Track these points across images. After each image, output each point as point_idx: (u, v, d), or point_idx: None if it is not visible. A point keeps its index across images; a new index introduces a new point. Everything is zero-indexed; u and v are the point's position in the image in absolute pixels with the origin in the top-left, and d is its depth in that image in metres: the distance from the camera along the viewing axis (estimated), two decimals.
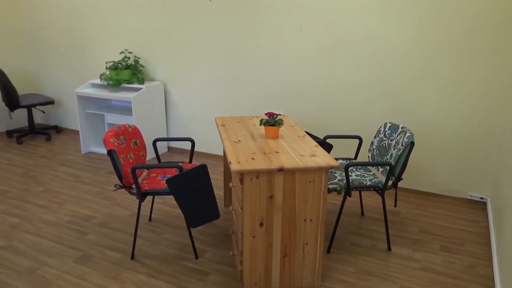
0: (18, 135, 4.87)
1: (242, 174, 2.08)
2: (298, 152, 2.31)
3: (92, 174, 3.95)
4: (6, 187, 3.63)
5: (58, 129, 5.36)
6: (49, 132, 5.11)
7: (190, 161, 3.03)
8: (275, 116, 2.60)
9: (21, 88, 5.40)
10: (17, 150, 4.62)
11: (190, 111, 4.45)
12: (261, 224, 2.16)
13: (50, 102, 4.97)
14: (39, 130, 5.09)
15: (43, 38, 5.19)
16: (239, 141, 2.50)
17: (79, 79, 5.11)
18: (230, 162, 2.13)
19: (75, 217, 3.12)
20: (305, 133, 2.71)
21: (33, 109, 5.52)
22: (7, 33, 5.14)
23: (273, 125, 2.57)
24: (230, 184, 2.37)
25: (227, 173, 3.22)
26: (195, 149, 4.54)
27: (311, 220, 2.21)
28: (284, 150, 2.34)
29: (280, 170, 2.08)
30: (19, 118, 5.46)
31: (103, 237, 2.84)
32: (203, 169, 2.34)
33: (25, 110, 5.52)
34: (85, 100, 4.48)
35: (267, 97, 4.00)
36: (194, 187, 2.35)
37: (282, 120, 2.58)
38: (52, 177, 3.86)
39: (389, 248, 2.71)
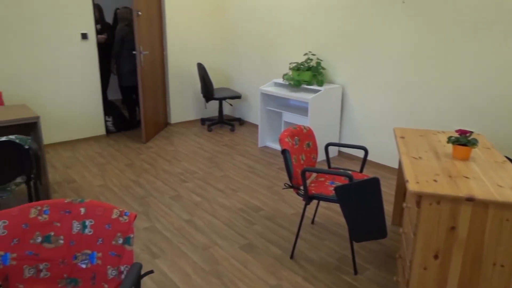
0: (209, 124, 5.57)
1: (420, 197, 1.85)
2: (494, 181, 1.93)
3: (265, 168, 4.20)
4: (195, 168, 4.18)
5: (241, 122, 5.91)
6: (233, 123, 5.68)
7: (361, 171, 2.89)
8: (468, 134, 2.24)
9: (216, 82, 6.15)
10: (207, 137, 5.27)
11: (366, 118, 4.27)
12: (436, 257, 1.89)
13: (238, 96, 5.51)
14: (225, 121, 5.71)
15: (238, 39, 5.77)
16: (419, 157, 2.24)
17: (264, 77, 5.50)
18: (407, 181, 1.92)
19: (246, 205, 3.36)
20: (506, 159, 2.26)
21: (223, 101, 6.23)
22: (214, 35, 5.90)
23: (465, 144, 2.22)
24: (404, 204, 2.15)
25: (400, 189, 2.96)
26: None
27: (502, 266, 1.82)
28: (476, 176, 1.99)
29: (470, 199, 1.77)
30: (212, 108, 6.23)
31: (267, 230, 2.97)
32: (375, 183, 2.19)
33: (217, 102, 6.26)
34: (267, 97, 4.78)
35: (458, 111, 3.52)
36: (362, 200, 2.22)
37: (476, 140, 2.21)
38: (231, 165, 4.27)
39: None
